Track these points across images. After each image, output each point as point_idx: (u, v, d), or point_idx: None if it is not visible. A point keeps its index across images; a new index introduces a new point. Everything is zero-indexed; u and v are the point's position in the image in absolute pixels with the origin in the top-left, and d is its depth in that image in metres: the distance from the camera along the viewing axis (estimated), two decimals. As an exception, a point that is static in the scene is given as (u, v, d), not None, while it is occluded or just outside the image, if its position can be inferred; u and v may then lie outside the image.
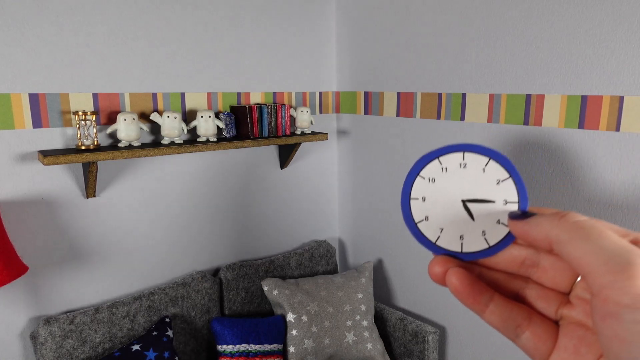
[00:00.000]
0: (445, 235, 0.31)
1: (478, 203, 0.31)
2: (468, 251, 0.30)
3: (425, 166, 0.32)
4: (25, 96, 1.56)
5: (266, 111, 1.96)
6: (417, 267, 2.13)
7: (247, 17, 2.01)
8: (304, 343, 1.91)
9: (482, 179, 0.31)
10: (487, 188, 0.31)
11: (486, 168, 0.31)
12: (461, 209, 0.31)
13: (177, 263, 1.97)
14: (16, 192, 1.58)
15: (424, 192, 0.32)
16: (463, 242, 0.30)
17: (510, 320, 0.28)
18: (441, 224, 0.31)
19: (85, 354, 1.63)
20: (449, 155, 0.32)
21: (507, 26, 1.64)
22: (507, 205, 0.30)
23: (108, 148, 1.63)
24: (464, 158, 0.31)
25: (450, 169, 0.32)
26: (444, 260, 0.30)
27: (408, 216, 0.32)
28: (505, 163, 0.30)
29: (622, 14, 1.37)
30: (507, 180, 0.30)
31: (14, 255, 1.41)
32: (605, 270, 0.22)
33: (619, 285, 0.21)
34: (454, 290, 0.29)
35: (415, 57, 1.97)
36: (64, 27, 1.60)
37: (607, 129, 1.44)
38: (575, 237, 0.24)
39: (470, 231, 0.30)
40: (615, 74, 1.41)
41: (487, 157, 0.31)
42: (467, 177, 0.31)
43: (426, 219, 0.32)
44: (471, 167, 0.31)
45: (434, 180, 0.32)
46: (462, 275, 0.29)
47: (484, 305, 0.29)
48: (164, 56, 1.81)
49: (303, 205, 2.34)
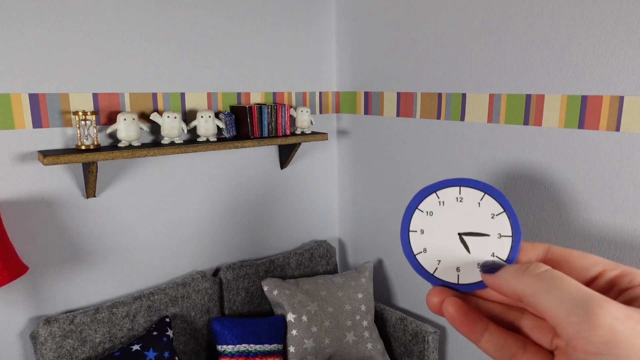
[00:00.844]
0: (443, 267, 0.32)
1: (474, 236, 0.32)
2: (464, 282, 0.31)
3: (423, 200, 0.33)
4: (25, 96, 1.56)
5: (266, 111, 1.96)
6: (417, 267, 2.13)
7: (247, 17, 2.01)
8: (304, 343, 1.91)
9: (477, 212, 0.32)
10: (482, 222, 0.32)
11: (481, 202, 0.32)
12: (458, 242, 0.32)
13: (177, 263, 1.97)
14: (16, 192, 1.58)
15: (422, 224, 0.33)
16: (459, 274, 0.32)
17: (505, 349, 0.29)
18: (439, 256, 0.32)
19: (85, 354, 1.63)
20: (446, 190, 0.33)
21: (507, 26, 1.64)
22: (501, 238, 0.31)
23: (108, 148, 1.63)
24: (460, 192, 0.33)
25: (447, 202, 0.33)
26: (441, 291, 0.31)
27: (407, 248, 0.33)
28: (499, 198, 0.32)
29: (622, 14, 1.37)
30: (501, 214, 0.31)
31: (14, 255, 1.41)
32: (569, 322, 0.23)
33: (584, 336, 0.22)
34: (451, 319, 0.30)
35: (415, 57, 1.97)
36: (64, 27, 1.60)
37: (607, 129, 1.44)
38: (538, 291, 0.25)
39: (466, 263, 0.32)
40: (615, 74, 1.41)
41: (482, 192, 0.32)
42: (463, 210, 0.32)
43: (424, 251, 0.33)
44: (467, 201, 0.32)
45: (431, 213, 0.33)
46: (458, 304, 0.30)
47: (479, 334, 0.29)
48: (164, 56, 1.81)
49: (303, 205, 2.34)
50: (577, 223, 1.55)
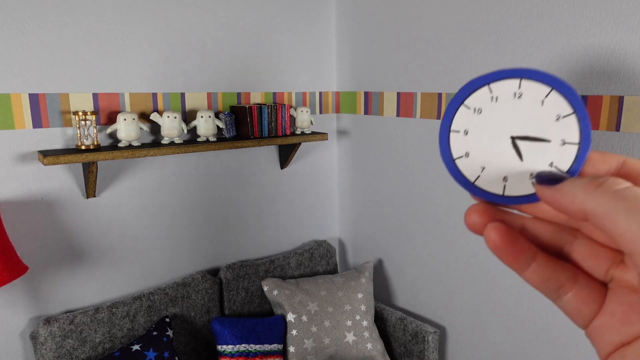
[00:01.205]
0: (486, 175, 0.27)
1: (530, 141, 0.26)
2: (510, 195, 0.26)
3: (472, 93, 0.28)
4: (25, 96, 1.56)
5: (266, 111, 1.96)
6: (417, 267, 2.13)
7: (247, 17, 2.01)
8: (304, 343, 1.91)
9: (539, 113, 0.26)
10: (544, 124, 0.26)
11: (546, 100, 0.26)
12: (509, 147, 0.27)
13: (177, 263, 1.97)
14: (16, 192, 1.58)
15: (467, 124, 0.28)
16: (506, 185, 0.27)
17: (552, 280, 0.25)
18: (483, 162, 0.27)
19: (85, 354, 1.63)
20: (503, 82, 0.27)
21: (507, 26, 1.64)
22: (564, 146, 0.26)
23: (108, 148, 1.63)
24: (521, 86, 0.27)
25: (502, 98, 0.27)
26: (484, 208, 0.27)
27: (446, 151, 0.28)
28: (570, 96, 0.26)
29: (622, 14, 1.37)
30: (570, 116, 0.26)
31: (14, 255, 1.41)
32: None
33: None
34: (494, 247, 0.25)
35: (415, 57, 1.97)
36: (64, 27, 1.60)
37: (607, 129, 1.44)
38: (615, 210, 0.21)
39: (516, 173, 0.26)
40: (615, 74, 1.41)
41: (550, 87, 0.26)
42: (521, 109, 0.27)
43: (466, 155, 0.28)
44: (528, 98, 0.26)
45: (480, 110, 0.27)
46: (503, 230, 0.25)
47: (525, 264, 0.25)
48: (164, 56, 1.81)
49: (303, 205, 2.34)
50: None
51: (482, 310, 1.89)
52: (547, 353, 1.69)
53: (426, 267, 2.09)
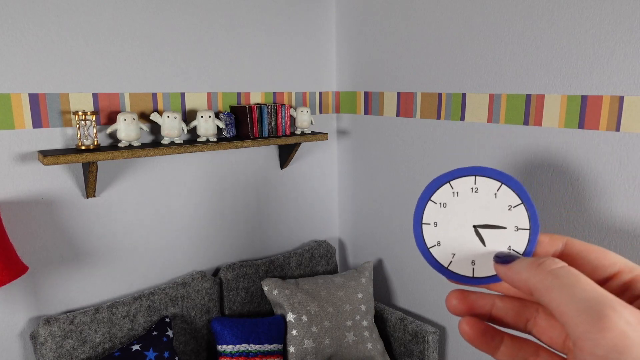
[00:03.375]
0: (457, 260, 0.31)
1: (489, 229, 0.31)
2: (479, 276, 0.31)
3: (436, 190, 0.32)
4: (25, 96, 1.56)
5: (266, 111, 1.96)
6: (417, 267, 2.13)
7: (247, 17, 2.01)
8: (304, 343, 1.91)
9: (494, 204, 0.30)
10: (499, 214, 0.30)
11: (498, 193, 0.30)
12: (473, 235, 0.31)
13: (177, 263, 1.97)
14: (16, 192, 1.58)
15: (435, 217, 0.32)
16: (474, 267, 0.31)
17: (519, 356, 0.29)
18: (453, 249, 0.31)
19: (85, 354, 1.63)
20: (460, 180, 0.31)
21: (507, 26, 1.64)
22: (518, 232, 0.30)
23: (108, 148, 1.63)
24: (476, 182, 0.31)
25: (462, 193, 0.31)
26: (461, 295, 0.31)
27: (421, 241, 0.32)
28: (517, 188, 0.30)
29: (622, 14, 1.37)
30: (519, 206, 0.30)
31: (14, 255, 1.41)
32: (579, 322, 0.22)
33: (593, 337, 0.22)
34: (467, 339, 0.30)
35: (415, 57, 1.97)
36: (64, 27, 1.60)
37: (607, 129, 1.44)
38: (551, 286, 0.24)
39: (482, 257, 0.30)
40: (615, 74, 1.41)
41: (499, 182, 0.30)
42: (478, 202, 0.31)
43: (438, 244, 0.32)
44: (483, 192, 0.31)
45: (445, 205, 0.32)
46: (473, 324, 0.30)
47: (495, 348, 0.30)
48: (164, 56, 1.81)
49: (303, 205, 2.34)
50: (577, 223, 1.55)
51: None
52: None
53: (426, 267, 2.09)
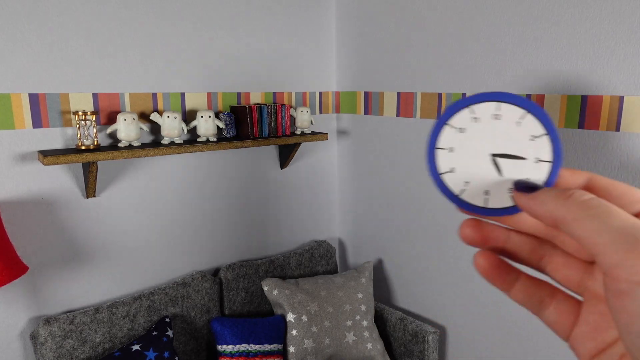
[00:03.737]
0: (470, 189, 0.30)
1: (508, 159, 0.29)
2: (492, 207, 0.29)
3: (455, 114, 0.30)
4: (25, 96, 1.56)
5: (266, 111, 1.96)
6: (417, 267, 2.13)
7: (247, 16, 2.01)
8: (304, 343, 1.91)
9: (515, 133, 0.29)
10: (520, 144, 0.29)
11: (521, 122, 0.29)
12: (489, 163, 0.29)
13: (177, 263, 1.97)
14: (16, 192, 1.58)
15: (451, 142, 0.30)
16: (488, 198, 0.29)
17: (534, 297, 0.29)
18: (467, 177, 0.30)
19: (85, 354, 1.63)
20: (482, 105, 0.30)
21: (507, 26, 1.64)
22: (538, 163, 0.29)
23: (108, 148, 1.63)
24: (499, 109, 0.29)
25: (482, 119, 0.30)
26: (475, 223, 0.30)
27: (433, 167, 0.31)
28: (543, 118, 0.29)
29: (622, 14, 1.37)
30: (543, 137, 0.29)
31: (14, 255, 1.41)
32: (614, 250, 0.22)
33: (630, 264, 0.21)
34: (482, 272, 0.29)
35: (415, 57, 1.97)
36: (64, 27, 1.60)
37: (607, 129, 1.44)
38: (582, 216, 0.23)
39: (497, 187, 0.29)
40: (615, 74, 1.41)
41: (524, 109, 0.29)
42: (499, 129, 0.29)
43: (452, 171, 0.30)
44: (505, 120, 0.29)
45: (463, 130, 0.30)
46: (489, 258, 0.29)
47: (510, 285, 0.29)
48: (164, 56, 1.82)
49: (303, 205, 2.34)
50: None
51: (482, 310, 1.89)
52: (547, 353, 1.69)
53: (426, 267, 2.09)
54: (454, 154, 0.30)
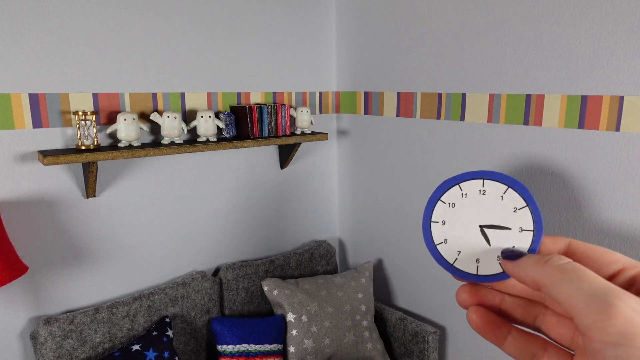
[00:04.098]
0: (463, 258, 0.33)
1: (495, 229, 0.32)
2: (483, 274, 0.32)
3: (446, 191, 0.34)
4: (25, 96, 1.56)
5: (266, 111, 1.96)
6: (417, 267, 2.13)
7: (247, 17, 2.01)
8: (304, 343, 1.91)
9: (499, 206, 0.32)
10: (504, 215, 0.32)
11: (504, 196, 0.32)
12: (479, 234, 0.32)
13: (177, 263, 1.97)
14: (16, 192, 1.58)
15: (444, 216, 0.33)
16: (479, 265, 0.32)
17: (526, 350, 0.30)
18: (459, 247, 0.33)
19: (85, 354, 1.63)
20: (470, 182, 0.33)
21: (507, 26, 1.64)
22: (522, 232, 0.31)
23: (108, 148, 1.63)
24: (484, 185, 0.33)
25: (470, 195, 0.33)
26: (471, 289, 0.32)
27: (428, 238, 0.34)
28: (522, 192, 0.32)
29: (622, 14, 1.37)
30: (524, 208, 0.31)
31: (14, 255, 1.41)
32: (587, 312, 0.24)
33: (601, 325, 0.23)
34: (475, 327, 0.31)
35: (415, 57, 1.97)
36: (64, 27, 1.60)
37: (607, 129, 1.44)
38: (558, 280, 0.25)
39: (486, 255, 0.32)
40: (615, 74, 1.41)
41: (506, 185, 0.32)
42: (485, 203, 0.32)
43: (445, 242, 0.33)
44: (490, 194, 0.32)
45: (454, 205, 0.33)
46: (481, 313, 0.31)
47: (502, 338, 0.31)
48: (164, 56, 1.81)
49: (303, 205, 2.34)
50: (577, 223, 1.55)
51: (482, 310, 1.89)
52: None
53: (426, 267, 2.09)
54: (446, 226, 0.33)
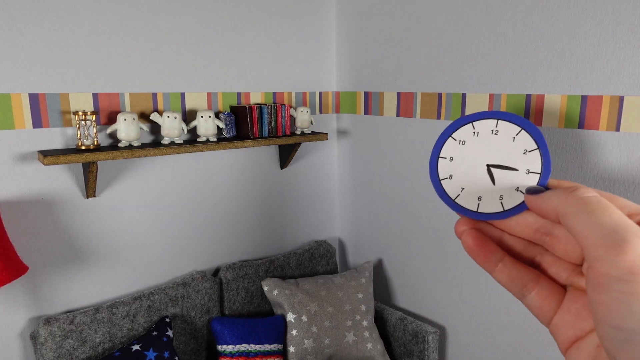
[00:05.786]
0: (465, 195, 0.33)
1: (502, 169, 0.32)
2: (483, 211, 0.32)
3: (458, 128, 0.34)
4: (25, 96, 1.56)
5: (266, 111, 1.96)
6: (417, 267, 2.13)
7: (247, 17, 2.01)
8: (304, 343, 1.91)
9: (510, 147, 0.32)
10: (514, 156, 0.32)
11: (516, 137, 0.32)
12: (484, 173, 0.32)
13: (177, 263, 1.97)
14: (16, 192, 1.58)
15: (452, 152, 0.34)
16: (480, 203, 0.32)
17: (517, 279, 0.30)
18: (463, 184, 0.33)
19: (85, 354, 1.63)
20: (483, 121, 0.33)
21: (507, 26, 1.64)
22: (529, 174, 0.31)
23: (108, 148, 1.63)
24: (497, 125, 0.33)
25: (482, 134, 0.33)
26: (469, 221, 0.32)
27: (434, 173, 0.34)
28: (536, 135, 0.32)
29: (622, 14, 1.37)
30: (534, 151, 0.31)
31: (14, 255, 1.41)
32: (600, 244, 0.23)
33: (611, 259, 0.23)
34: (467, 248, 0.31)
35: (415, 57, 1.97)
36: (64, 27, 1.60)
37: (607, 129, 1.44)
38: (580, 211, 0.25)
39: (489, 194, 0.32)
40: (615, 74, 1.41)
41: (519, 127, 0.32)
42: (496, 143, 0.32)
43: (450, 177, 0.33)
44: (502, 135, 0.32)
45: (464, 142, 0.33)
46: (475, 235, 0.31)
47: (493, 264, 0.31)
48: (164, 56, 1.82)
49: (303, 205, 2.34)
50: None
51: (482, 310, 1.89)
52: (547, 353, 1.69)
53: (426, 267, 2.09)
54: (453, 163, 0.34)
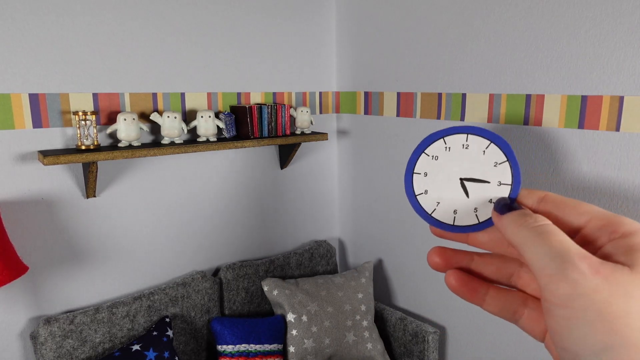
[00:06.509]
0: (441, 209, 0.34)
1: (474, 182, 0.33)
2: (459, 224, 0.33)
3: (430, 144, 0.34)
4: (25, 96, 1.56)
5: (266, 111, 1.96)
6: (417, 267, 2.13)
7: (247, 17, 2.01)
8: (304, 343, 1.91)
9: (481, 160, 0.33)
10: (485, 169, 0.33)
11: (486, 150, 0.33)
12: (458, 186, 0.33)
13: (177, 263, 1.97)
14: (16, 192, 1.58)
15: (426, 167, 0.34)
16: (456, 217, 0.33)
17: (506, 308, 0.31)
18: (438, 198, 0.34)
19: (85, 354, 1.63)
20: (454, 136, 0.34)
21: (507, 26, 1.64)
22: (500, 186, 0.32)
23: (108, 148, 1.63)
24: (467, 140, 0.33)
25: (454, 148, 0.34)
26: (442, 251, 0.33)
27: (410, 188, 0.35)
28: (504, 147, 0.33)
29: (622, 14, 1.37)
30: (504, 163, 0.32)
31: (14, 255, 1.41)
32: (544, 274, 0.25)
33: (552, 287, 0.25)
34: (453, 289, 0.32)
35: (415, 57, 1.97)
36: (64, 27, 1.60)
37: (607, 129, 1.44)
38: (527, 242, 0.27)
39: (464, 207, 0.33)
40: (615, 74, 1.41)
41: (489, 140, 0.33)
42: (467, 157, 0.33)
43: (425, 192, 0.34)
44: (473, 149, 0.33)
45: (437, 157, 0.34)
46: (458, 276, 0.32)
47: (481, 299, 0.32)
48: (164, 56, 1.81)
49: (303, 205, 2.34)
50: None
51: (482, 311, 1.89)
52: (547, 353, 1.69)
53: (426, 267, 2.09)
54: (428, 178, 0.34)
